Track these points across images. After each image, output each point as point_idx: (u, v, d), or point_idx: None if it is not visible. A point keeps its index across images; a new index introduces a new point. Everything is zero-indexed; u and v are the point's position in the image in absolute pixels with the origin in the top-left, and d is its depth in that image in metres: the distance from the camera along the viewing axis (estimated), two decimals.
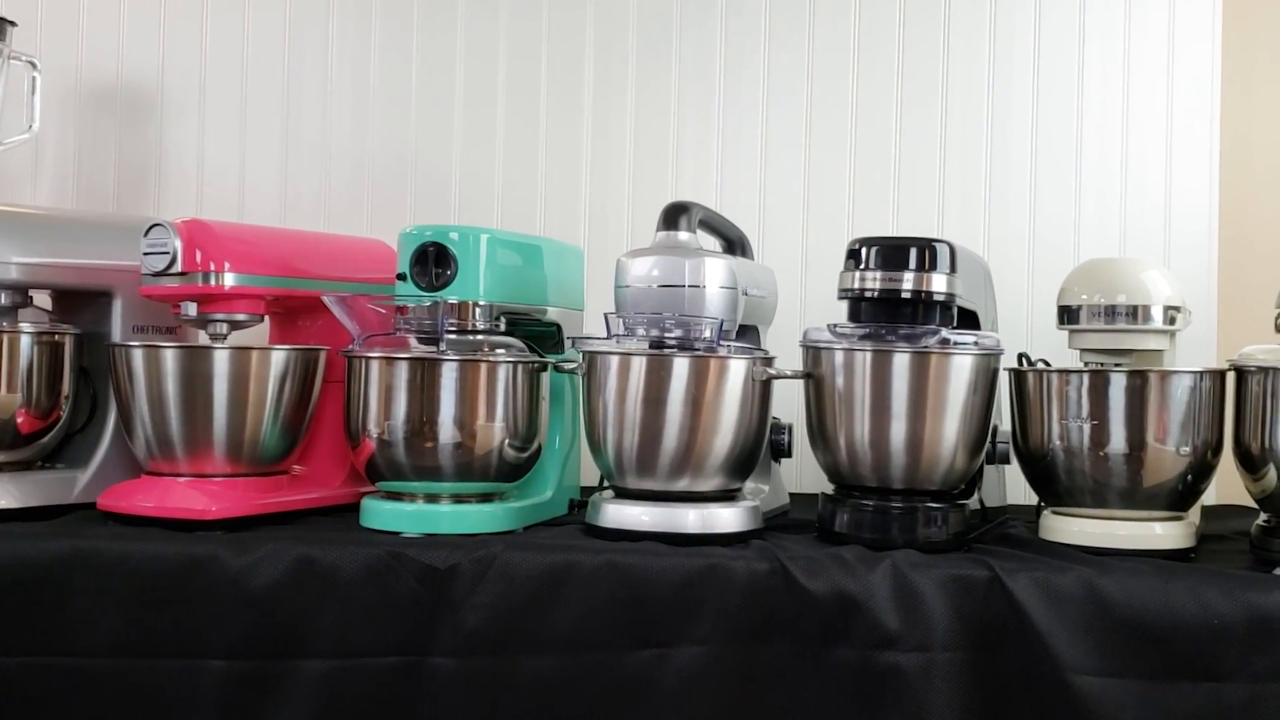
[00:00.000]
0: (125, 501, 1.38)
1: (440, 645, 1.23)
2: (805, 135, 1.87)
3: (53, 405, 1.45)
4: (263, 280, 1.44)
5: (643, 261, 1.39)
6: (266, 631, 1.24)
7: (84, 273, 1.48)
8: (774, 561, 1.24)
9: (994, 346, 1.35)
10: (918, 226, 1.79)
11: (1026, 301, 1.79)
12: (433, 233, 1.39)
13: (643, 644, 1.22)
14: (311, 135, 1.93)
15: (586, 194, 1.90)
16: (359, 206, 1.92)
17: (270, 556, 1.25)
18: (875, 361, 1.32)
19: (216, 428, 1.39)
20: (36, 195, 1.94)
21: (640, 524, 1.33)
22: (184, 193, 1.93)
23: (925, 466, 1.33)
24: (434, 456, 1.35)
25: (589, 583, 1.23)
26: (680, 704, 1.22)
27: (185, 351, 1.40)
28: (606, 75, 1.90)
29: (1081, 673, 1.18)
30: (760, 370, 1.35)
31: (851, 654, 1.21)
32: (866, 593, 1.21)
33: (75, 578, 1.25)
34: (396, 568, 1.24)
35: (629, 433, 1.34)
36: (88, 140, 1.95)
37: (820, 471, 1.41)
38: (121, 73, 1.94)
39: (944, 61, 1.85)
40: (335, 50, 1.94)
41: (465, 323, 1.39)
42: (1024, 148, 1.84)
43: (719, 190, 1.87)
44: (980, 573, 1.22)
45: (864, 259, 1.35)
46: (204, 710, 1.24)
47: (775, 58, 1.88)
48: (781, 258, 1.79)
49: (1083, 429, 1.33)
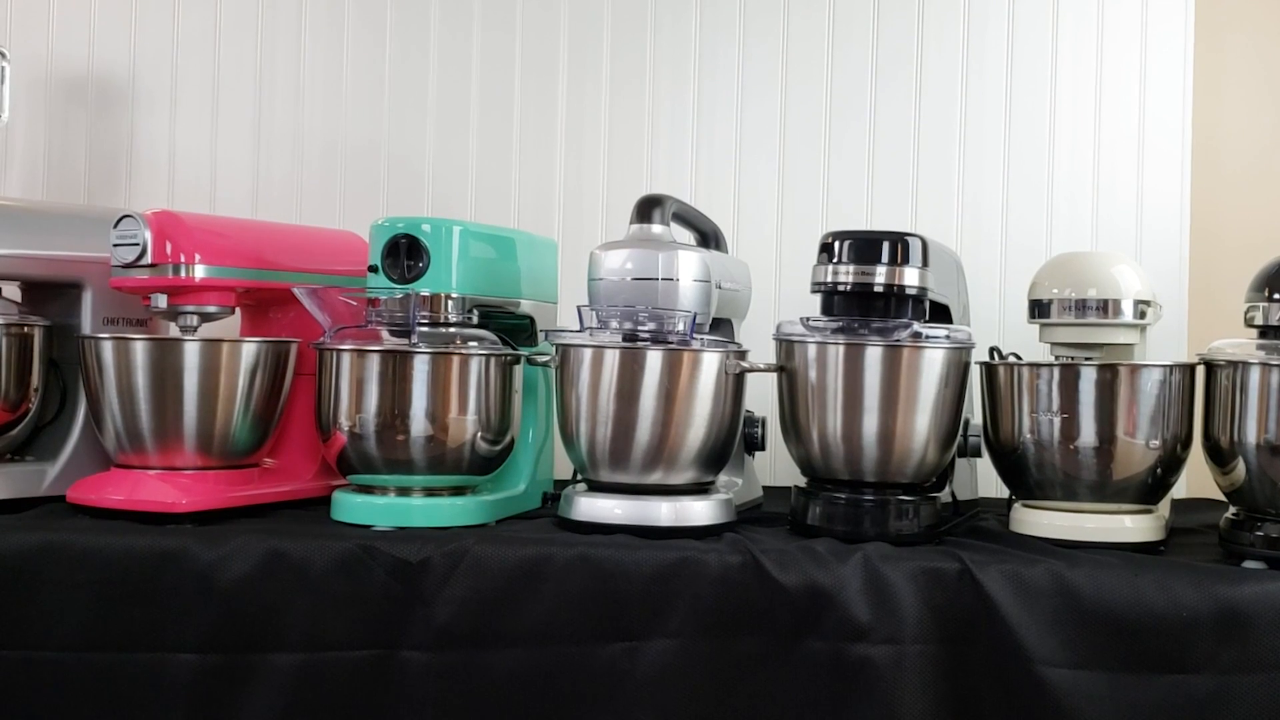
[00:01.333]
0: (95, 494, 1.38)
1: (412, 639, 1.23)
2: (780, 129, 1.87)
3: (22, 397, 1.44)
4: (233, 272, 1.43)
5: (616, 254, 1.39)
6: (237, 625, 1.23)
7: (53, 264, 1.47)
8: (746, 554, 1.24)
9: (966, 340, 1.36)
10: (891, 221, 1.79)
11: (998, 295, 1.79)
12: (405, 224, 1.39)
13: (615, 637, 1.22)
14: (284, 126, 1.92)
15: (560, 186, 1.90)
16: (332, 198, 1.91)
17: (241, 550, 1.24)
18: (848, 355, 1.33)
19: (187, 420, 1.38)
20: (6, 186, 1.93)
21: (613, 517, 1.33)
22: (155, 184, 1.92)
23: (897, 459, 1.33)
24: (406, 450, 1.35)
25: (561, 576, 1.23)
26: (652, 696, 1.22)
27: (155, 344, 1.39)
28: (581, 67, 1.90)
29: (1051, 665, 1.19)
30: (733, 363, 1.35)
31: (823, 646, 1.21)
32: (838, 585, 1.21)
33: (44, 570, 1.24)
34: (368, 561, 1.24)
35: (602, 426, 1.34)
36: (58, 130, 1.94)
37: (793, 464, 1.41)
38: (92, 62, 1.93)
39: (918, 57, 1.86)
40: (308, 40, 1.93)
41: (437, 315, 1.39)
42: (997, 143, 1.85)
43: (693, 183, 1.87)
44: (951, 565, 1.23)
45: (837, 252, 1.36)
46: (174, 704, 1.23)
47: (750, 51, 1.88)
48: (755, 251, 1.79)
49: (1053, 422, 1.34)
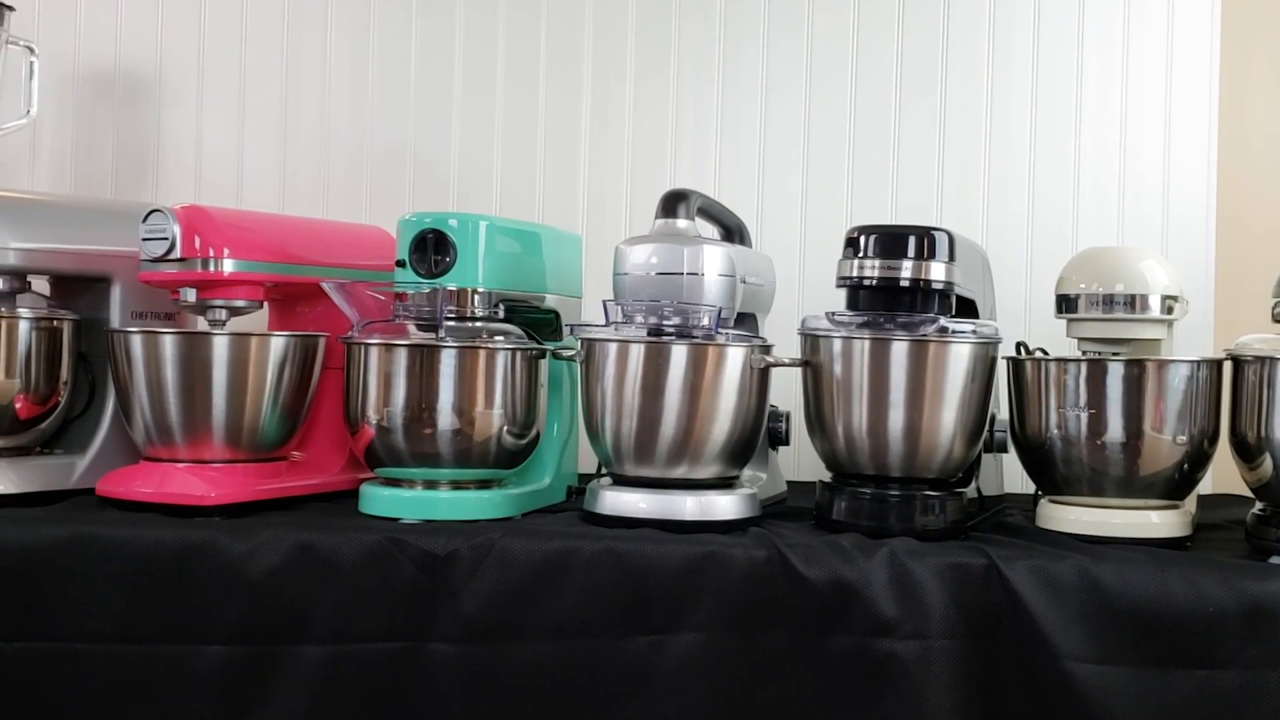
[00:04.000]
0: (124, 487, 1.38)
1: (439, 631, 1.23)
2: (804, 123, 1.87)
3: (51, 391, 1.45)
4: (262, 266, 1.44)
5: (641, 249, 1.39)
6: (265, 617, 1.24)
7: (83, 258, 1.48)
8: (772, 549, 1.24)
9: (992, 335, 1.35)
10: (916, 215, 1.79)
11: (1024, 290, 1.79)
12: (432, 219, 1.40)
13: (641, 630, 1.23)
14: (310, 121, 1.93)
15: (585, 181, 1.90)
16: (358, 193, 1.92)
17: (269, 542, 1.25)
18: (873, 349, 1.33)
19: (215, 414, 1.39)
20: (34, 181, 1.94)
21: (638, 511, 1.33)
22: (182, 178, 1.92)
23: (923, 455, 1.33)
24: (433, 443, 1.36)
25: (587, 569, 1.24)
26: (678, 690, 1.22)
27: (184, 337, 1.40)
28: (605, 62, 1.90)
29: (1077, 660, 1.19)
30: (758, 358, 1.35)
31: (849, 641, 1.21)
32: (864, 580, 1.21)
33: (74, 563, 1.25)
34: (396, 554, 1.25)
35: (627, 420, 1.34)
36: (85, 125, 1.95)
37: (818, 459, 1.41)
38: (119, 58, 1.94)
39: (943, 49, 1.85)
40: (334, 36, 1.93)
41: (464, 309, 1.40)
42: (1023, 136, 1.84)
43: (717, 177, 1.87)
44: (977, 561, 1.23)
45: (862, 247, 1.35)
46: (203, 695, 1.24)
47: (774, 45, 1.88)
48: (780, 245, 1.79)
49: (1080, 418, 1.34)
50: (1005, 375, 1.41)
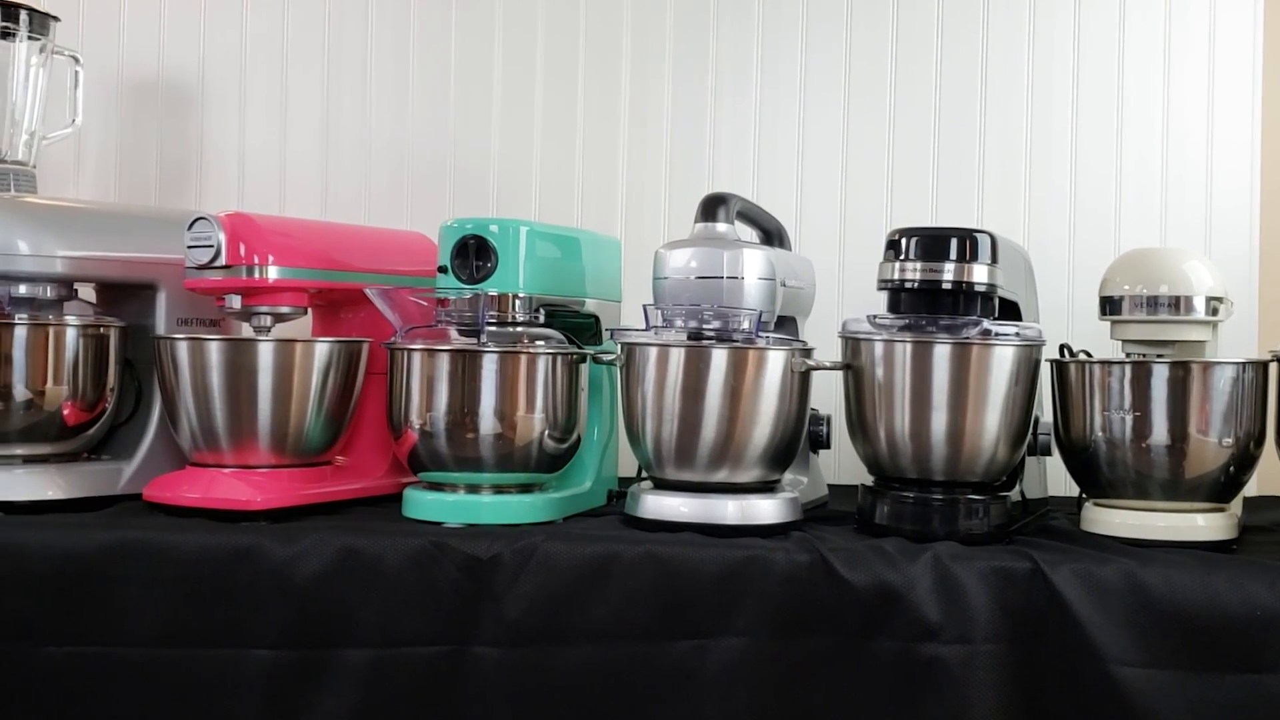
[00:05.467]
0: (171, 492, 1.40)
1: (483, 635, 1.24)
2: (843, 125, 1.87)
3: (98, 397, 1.46)
4: (306, 273, 1.45)
5: (681, 253, 1.39)
6: (311, 621, 1.25)
7: (128, 266, 1.50)
8: (814, 553, 1.24)
9: (1036, 337, 1.35)
10: (957, 217, 1.78)
11: (1066, 291, 1.78)
12: (473, 225, 1.40)
13: (683, 635, 1.23)
14: (351, 128, 1.94)
15: (623, 185, 1.90)
16: (398, 198, 1.93)
17: (315, 547, 1.26)
18: (916, 353, 1.32)
19: (261, 419, 1.40)
20: (79, 189, 1.96)
21: (679, 515, 1.33)
22: (225, 185, 1.94)
23: (966, 458, 1.32)
24: (475, 447, 1.36)
25: (629, 573, 1.24)
26: (720, 695, 1.22)
27: (230, 344, 1.41)
28: (643, 66, 1.90)
29: (1123, 664, 1.18)
30: (799, 361, 1.35)
31: (893, 646, 1.21)
32: (907, 584, 1.21)
33: (122, 568, 1.26)
34: (439, 558, 1.25)
35: (668, 424, 1.34)
36: (129, 134, 1.97)
37: (858, 463, 1.41)
38: (162, 66, 1.96)
39: (983, 49, 1.85)
40: (375, 43, 1.95)
41: (505, 315, 1.40)
42: (1064, 136, 1.83)
43: (755, 181, 1.87)
44: (1022, 564, 1.22)
45: (904, 249, 1.35)
46: (249, 699, 1.25)
47: (813, 47, 1.87)
48: (819, 248, 1.78)
49: (1125, 420, 1.33)
50: (1049, 378, 1.41)
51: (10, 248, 1.41)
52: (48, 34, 1.77)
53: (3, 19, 1.72)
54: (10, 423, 1.41)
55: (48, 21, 1.76)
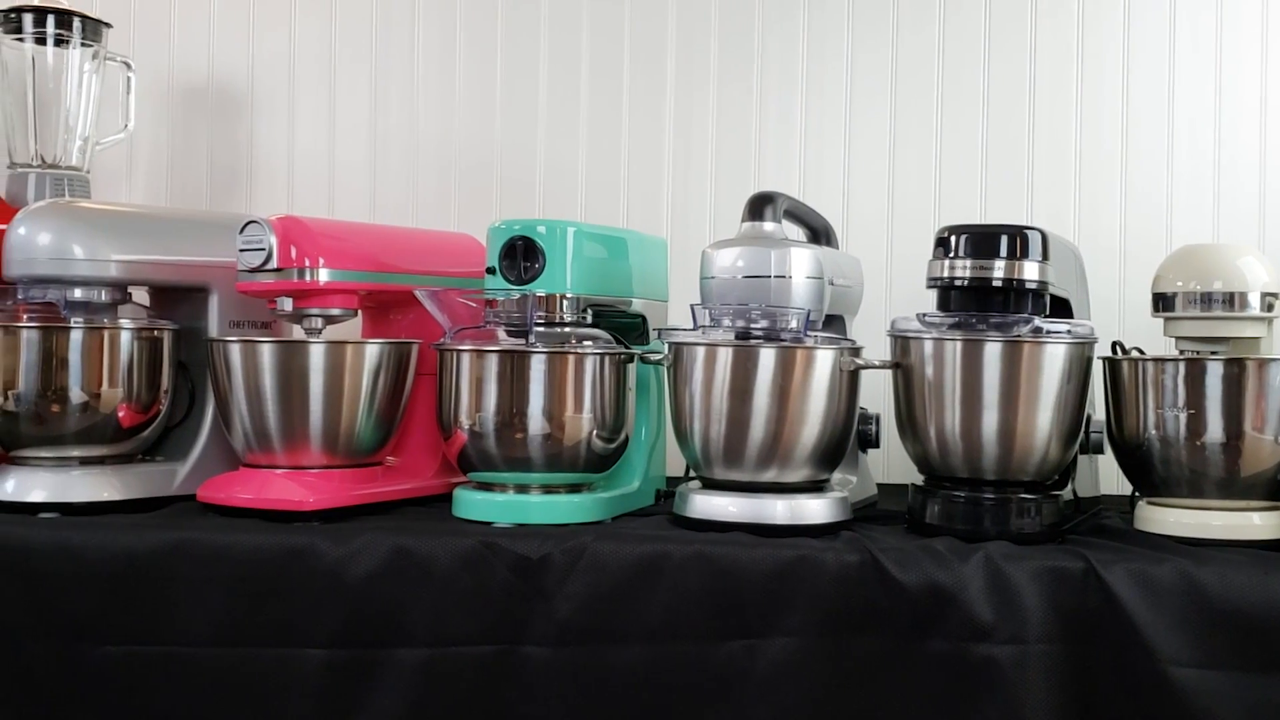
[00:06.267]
0: (224, 493, 1.41)
1: (534, 634, 1.24)
2: (890, 120, 1.86)
3: (153, 399, 1.48)
4: (356, 275, 1.46)
5: (728, 252, 1.39)
6: (363, 621, 1.26)
7: (181, 269, 1.51)
8: (865, 553, 1.23)
9: (1088, 335, 1.34)
10: (1006, 214, 1.77)
11: (1118, 288, 1.76)
12: (521, 227, 1.41)
13: (733, 635, 1.23)
14: (399, 131, 1.95)
15: (669, 185, 1.91)
16: (446, 200, 1.94)
17: (367, 547, 1.27)
18: (966, 351, 1.31)
19: (313, 420, 1.41)
20: (131, 193, 1.98)
21: (728, 515, 1.33)
22: (275, 189, 1.96)
23: (1018, 457, 1.31)
24: (524, 447, 1.37)
25: (679, 573, 1.24)
26: (771, 695, 1.22)
27: (282, 346, 1.42)
28: (688, 66, 1.90)
29: (1179, 664, 1.17)
30: (848, 360, 1.35)
31: (945, 646, 1.20)
32: (959, 584, 1.20)
33: (177, 568, 1.28)
34: (490, 558, 1.26)
35: (716, 424, 1.34)
36: (180, 139, 1.99)
37: (907, 462, 1.40)
38: (212, 72, 1.98)
39: (1031, 43, 1.83)
40: (421, 48, 1.96)
41: (553, 315, 1.41)
42: (1114, 130, 1.81)
43: (802, 179, 1.86)
44: (1075, 564, 1.21)
45: (953, 247, 1.34)
46: (302, 698, 1.26)
47: (859, 42, 1.87)
48: (867, 246, 1.78)
49: (1179, 418, 1.31)
50: (1101, 375, 1.39)
51: (65, 252, 1.43)
52: (100, 40, 1.79)
53: (56, 26, 1.75)
54: (67, 425, 1.43)
55: (100, 28, 1.79)
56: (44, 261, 1.42)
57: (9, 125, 1.77)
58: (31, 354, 1.42)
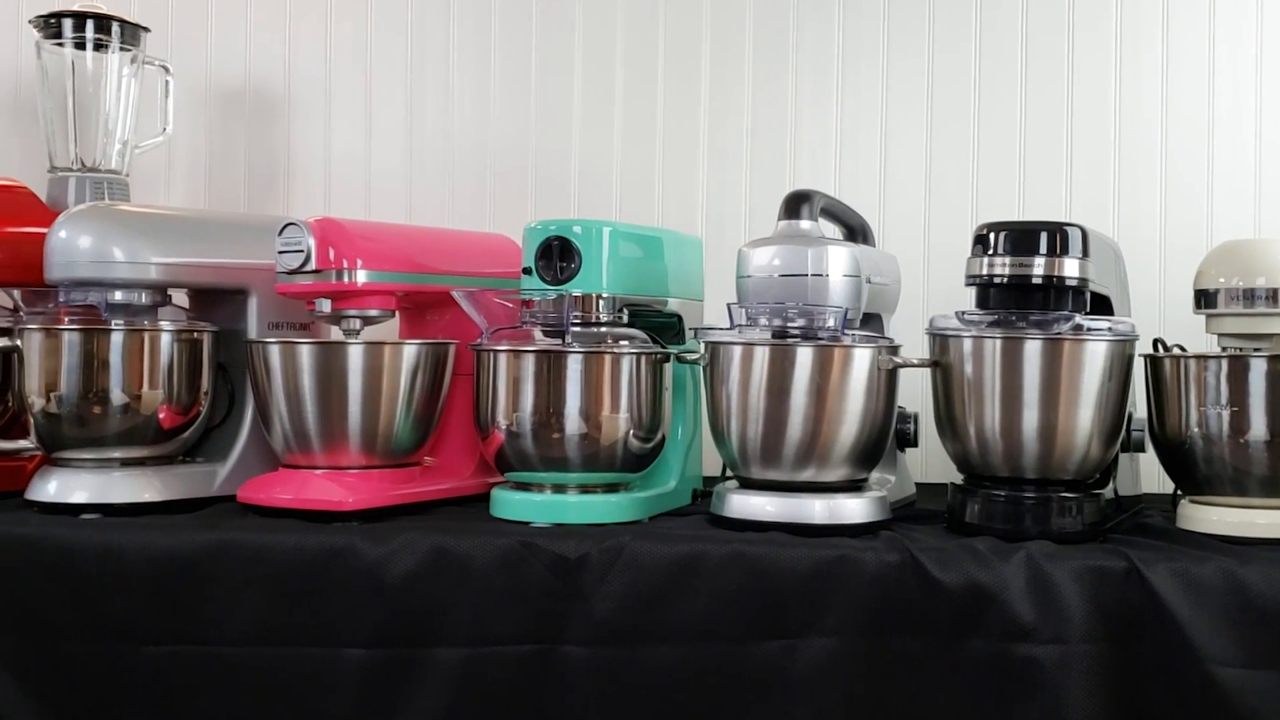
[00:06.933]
0: (264, 494, 1.42)
1: (572, 634, 1.24)
2: (926, 119, 1.85)
3: (193, 401, 1.49)
4: (394, 276, 1.46)
5: (764, 251, 1.39)
6: (403, 620, 1.26)
7: (221, 271, 1.52)
8: (904, 552, 1.23)
9: (1129, 332, 1.32)
10: (1044, 210, 1.76)
11: (1158, 285, 1.74)
12: (557, 227, 1.41)
13: (772, 634, 1.22)
14: (434, 132, 1.96)
15: (704, 184, 1.90)
16: (481, 202, 1.94)
17: (406, 547, 1.27)
18: (1006, 349, 1.30)
19: (351, 421, 1.41)
20: (170, 196, 2.00)
21: (765, 514, 1.32)
22: (312, 191, 1.97)
23: (1059, 456, 1.30)
24: (561, 447, 1.37)
25: (717, 573, 1.24)
26: (810, 695, 1.22)
27: (321, 347, 1.43)
28: (723, 63, 1.90)
29: (1223, 664, 1.16)
30: (886, 359, 1.34)
31: (985, 646, 1.19)
32: (1000, 584, 1.19)
33: (217, 568, 1.28)
34: (528, 557, 1.26)
35: (753, 423, 1.34)
36: (218, 142, 2.00)
37: (946, 461, 1.39)
38: (250, 75, 1.99)
39: (1069, 38, 1.82)
40: (456, 50, 1.96)
41: (589, 315, 1.41)
42: (1154, 124, 1.80)
43: (837, 177, 1.86)
44: (1117, 563, 1.20)
45: (992, 244, 1.33)
46: (342, 698, 1.26)
47: (895, 39, 1.86)
48: (904, 244, 1.77)
49: (1222, 416, 1.30)
50: (1142, 373, 1.38)
51: (106, 255, 1.44)
52: (138, 45, 1.80)
53: (95, 30, 1.76)
54: (108, 426, 1.44)
55: (138, 32, 1.80)
56: (85, 264, 1.43)
57: (49, 129, 1.78)
58: (73, 356, 1.43)
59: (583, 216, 1.75)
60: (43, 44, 1.77)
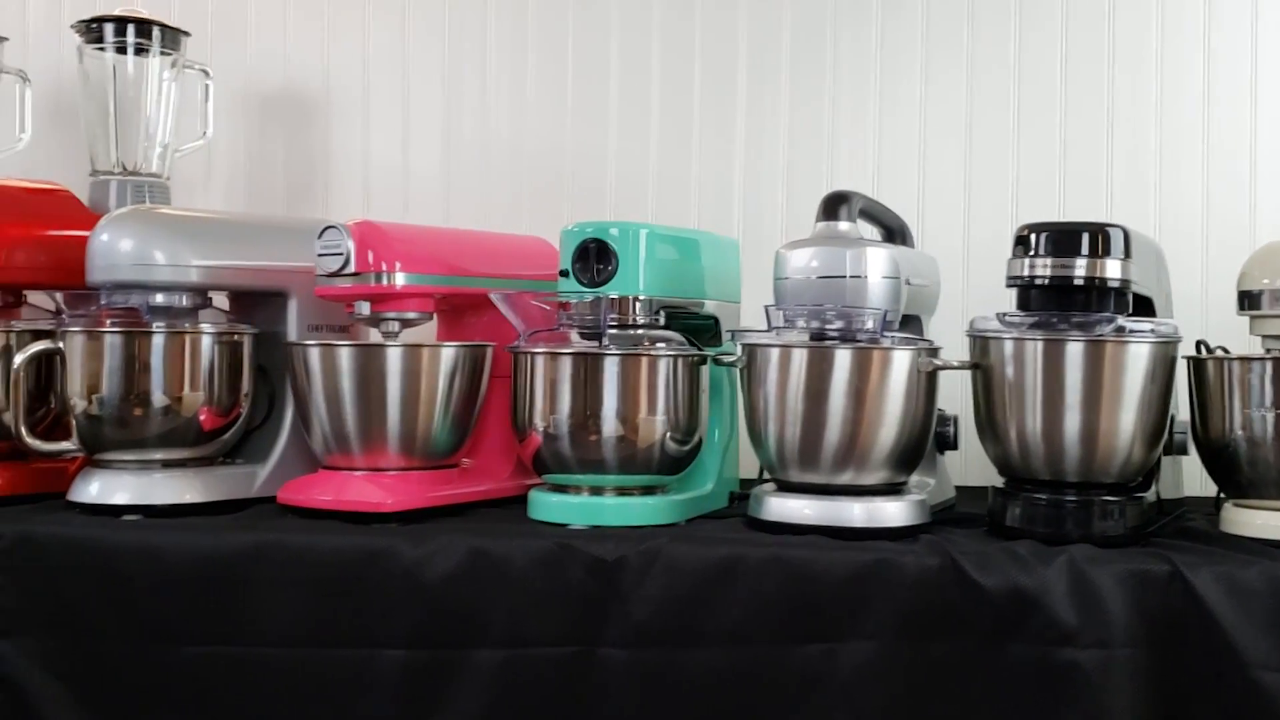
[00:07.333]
0: (304, 495, 1.42)
1: (610, 636, 1.24)
2: (965, 117, 1.83)
3: (233, 403, 1.50)
4: (432, 279, 1.46)
5: (802, 253, 1.38)
6: (441, 621, 1.26)
7: (261, 274, 1.53)
8: (945, 556, 1.22)
9: (1172, 334, 1.31)
10: (1085, 211, 1.74)
11: (1200, 286, 1.73)
12: (594, 229, 1.41)
13: (811, 638, 1.22)
14: (471, 135, 1.96)
15: (740, 185, 1.90)
16: (517, 204, 1.94)
17: (444, 548, 1.27)
18: (1047, 351, 1.29)
19: (390, 422, 1.42)
20: (209, 199, 2.01)
21: (804, 518, 1.32)
22: (350, 194, 1.97)
23: (1101, 459, 1.29)
24: (598, 450, 1.37)
25: (756, 576, 1.23)
26: (850, 699, 1.21)
27: (360, 349, 1.43)
28: (759, 64, 1.89)
29: (1268, 669, 1.15)
30: (926, 361, 1.33)
31: (1027, 651, 1.18)
32: (1042, 588, 1.18)
33: (257, 570, 1.29)
34: (566, 559, 1.26)
35: (791, 426, 1.33)
36: (257, 145, 2.01)
37: (986, 464, 1.39)
38: (288, 80, 2.00)
39: (1110, 34, 1.80)
40: (493, 53, 1.96)
41: (626, 317, 1.41)
42: (1195, 123, 1.78)
43: (875, 177, 1.85)
44: (1160, 567, 1.19)
45: (1034, 245, 1.32)
46: (381, 699, 1.27)
47: (933, 39, 1.85)
48: (943, 245, 1.76)
49: (1266, 418, 1.29)
50: (1185, 375, 1.37)
51: (147, 258, 1.44)
52: (178, 49, 1.82)
53: (136, 35, 1.78)
54: (149, 428, 1.45)
55: (178, 37, 1.81)
56: (126, 267, 1.44)
57: (91, 133, 1.80)
58: (114, 359, 1.44)
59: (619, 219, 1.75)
60: (84, 48, 1.79)
